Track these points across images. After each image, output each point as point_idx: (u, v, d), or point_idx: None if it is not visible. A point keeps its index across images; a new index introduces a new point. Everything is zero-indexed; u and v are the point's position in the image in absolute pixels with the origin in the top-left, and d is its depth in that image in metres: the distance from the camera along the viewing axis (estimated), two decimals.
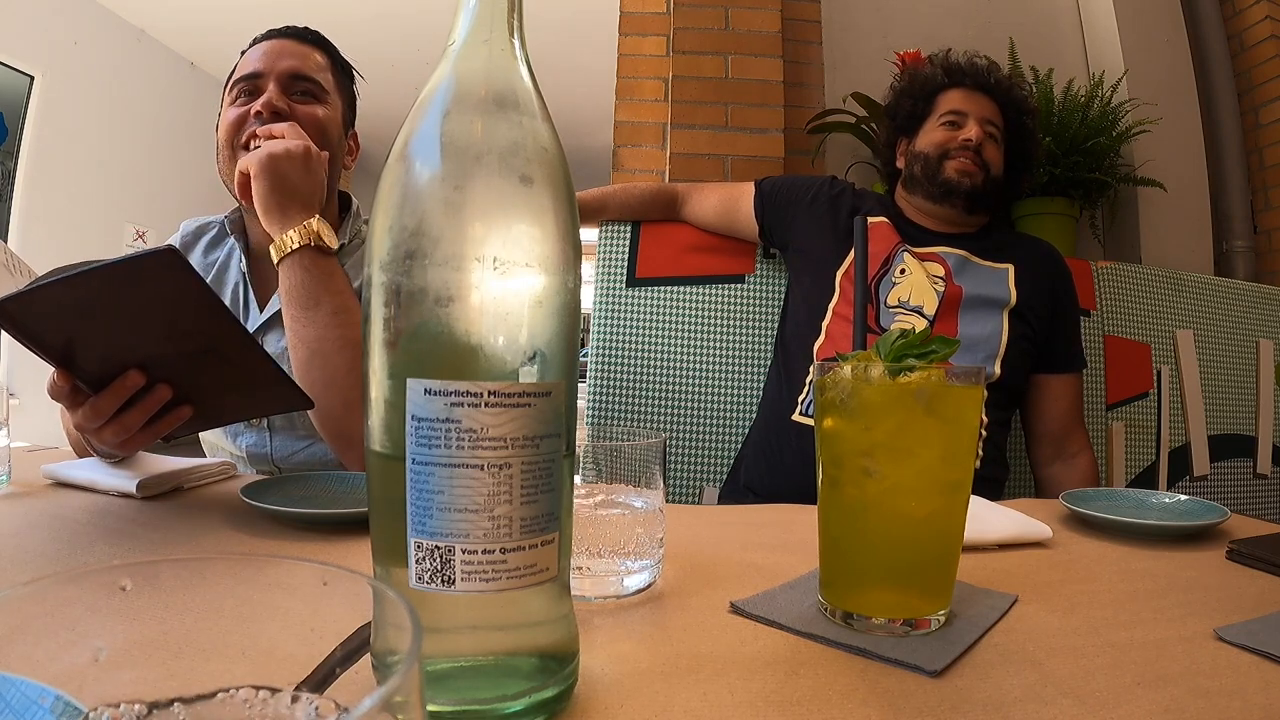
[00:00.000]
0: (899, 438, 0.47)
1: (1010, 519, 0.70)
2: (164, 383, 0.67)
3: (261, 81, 1.00)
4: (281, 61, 1.02)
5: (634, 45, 2.08)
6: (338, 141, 1.07)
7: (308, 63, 1.04)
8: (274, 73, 1.01)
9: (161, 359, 0.67)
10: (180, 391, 0.69)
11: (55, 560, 0.55)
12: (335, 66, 1.09)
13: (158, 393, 0.67)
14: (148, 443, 0.73)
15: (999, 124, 1.28)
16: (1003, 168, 1.29)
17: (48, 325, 0.62)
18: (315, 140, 0.99)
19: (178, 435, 0.75)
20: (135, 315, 0.63)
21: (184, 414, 0.71)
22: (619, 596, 0.51)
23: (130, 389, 0.66)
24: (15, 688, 0.21)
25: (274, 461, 1.06)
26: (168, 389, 0.68)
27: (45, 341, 0.63)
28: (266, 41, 1.04)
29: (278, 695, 0.23)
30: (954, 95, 1.30)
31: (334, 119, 1.06)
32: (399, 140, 0.34)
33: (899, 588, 0.47)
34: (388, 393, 0.33)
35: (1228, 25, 2.19)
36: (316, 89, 1.04)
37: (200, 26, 4.00)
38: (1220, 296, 1.65)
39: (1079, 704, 0.37)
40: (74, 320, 0.62)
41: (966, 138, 1.25)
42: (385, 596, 0.21)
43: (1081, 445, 1.28)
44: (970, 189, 1.24)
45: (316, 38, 1.08)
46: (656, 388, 1.42)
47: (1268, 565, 0.60)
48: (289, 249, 0.87)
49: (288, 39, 1.05)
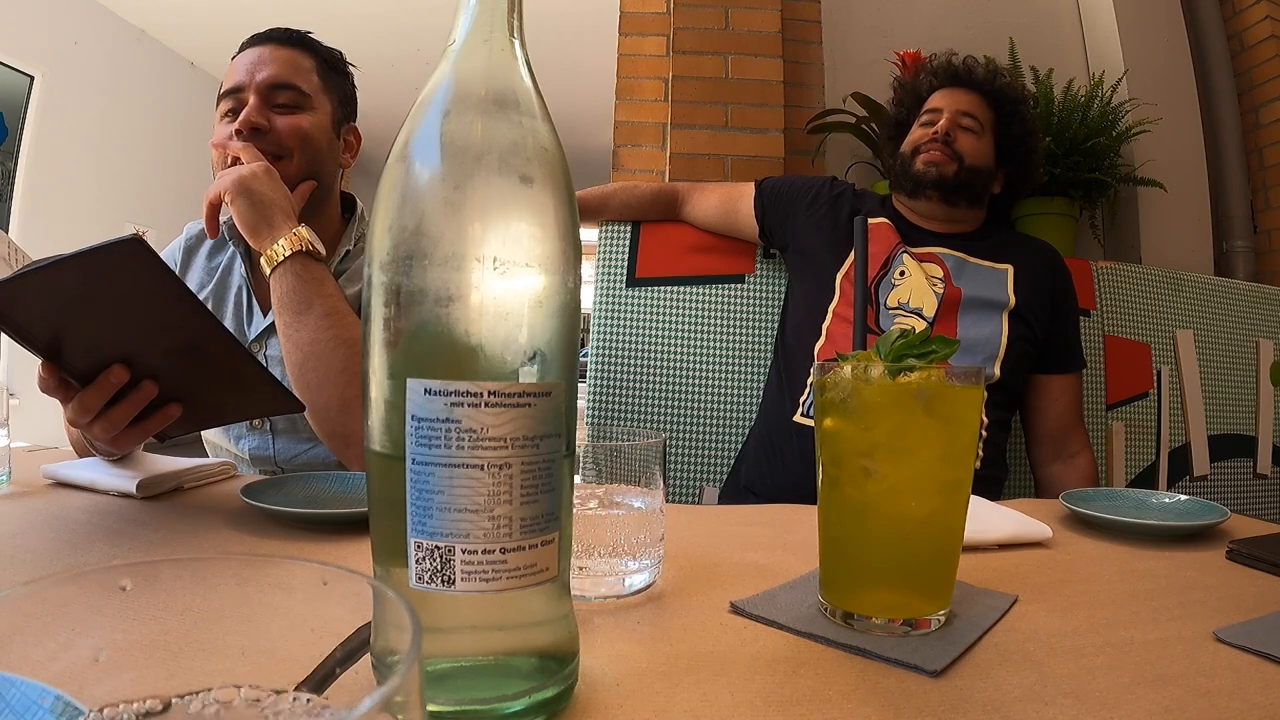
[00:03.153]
0: (899, 438, 0.47)
1: (1010, 519, 0.70)
2: (150, 380, 0.69)
3: (243, 95, 1.00)
4: (261, 72, 1.00)
5: (634, 45, 2.08)
6: (327, 145, 1.06)
7: (288, 68, 1.02)
8: (253, 85, 1.00)
9: (145, 356, 0.68)
10: (167, 389, 0.70)
11: (55, 560, 0.55)
12: (322, 66, 1.07)
13: (144, 389, 0.68)
14: (139, 440, 0.74)
15: (980, 115, 1.27)
16: (991, 158, 1.27)
17: (32, 317, 0.63)
18: (298, 149, 1.00)
19: (172, 435, 0.76)
20: (112, 308, 0.64)
21: (173, 412, 0.72)
22: (619, 596, 0.51)
23: (114, 384, 0.67)
24: (15, 688, 0.21)
25: (277, 463, 1.06)
26: (153, 386, 0.69)
27: (30, 334, 0.64)
28: (250, 49, 1.03)
29: (278, 695, 0.23)
30: (935, 95, 1.31)
31: (319, 124, 1.04)
32: (399, 140, 0.34)
33: (899, 588, 0.47)
34: (388, 393, 0.33)
35: (1228, 25, 2.19)
36: (298, 96, 1.02)
37: (200, 26, 4.00)
38: (1220, 296, 1.65)
39: (1079, 704, 0.37)
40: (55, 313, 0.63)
41: (935, 131, 1.25)
42: (385, 596, 0.21)
43: (1081, 445, 1.28)
44: (938, 178, 1.24)
45: (299, 38, 1.06)
46: (656, 388, 1.42)
47: (1268, 565, 0.60)
48: (281, 257, 0.87)
49: (269, 44, 1.03)
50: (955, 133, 1.26)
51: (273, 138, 0.99)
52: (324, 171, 1.05)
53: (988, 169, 1.27)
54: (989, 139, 1.28)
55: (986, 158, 1.27)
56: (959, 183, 1.24)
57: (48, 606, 0.21)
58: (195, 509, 0.71)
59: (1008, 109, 1.29)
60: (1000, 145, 1.29)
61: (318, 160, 1.04)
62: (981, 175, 1.26)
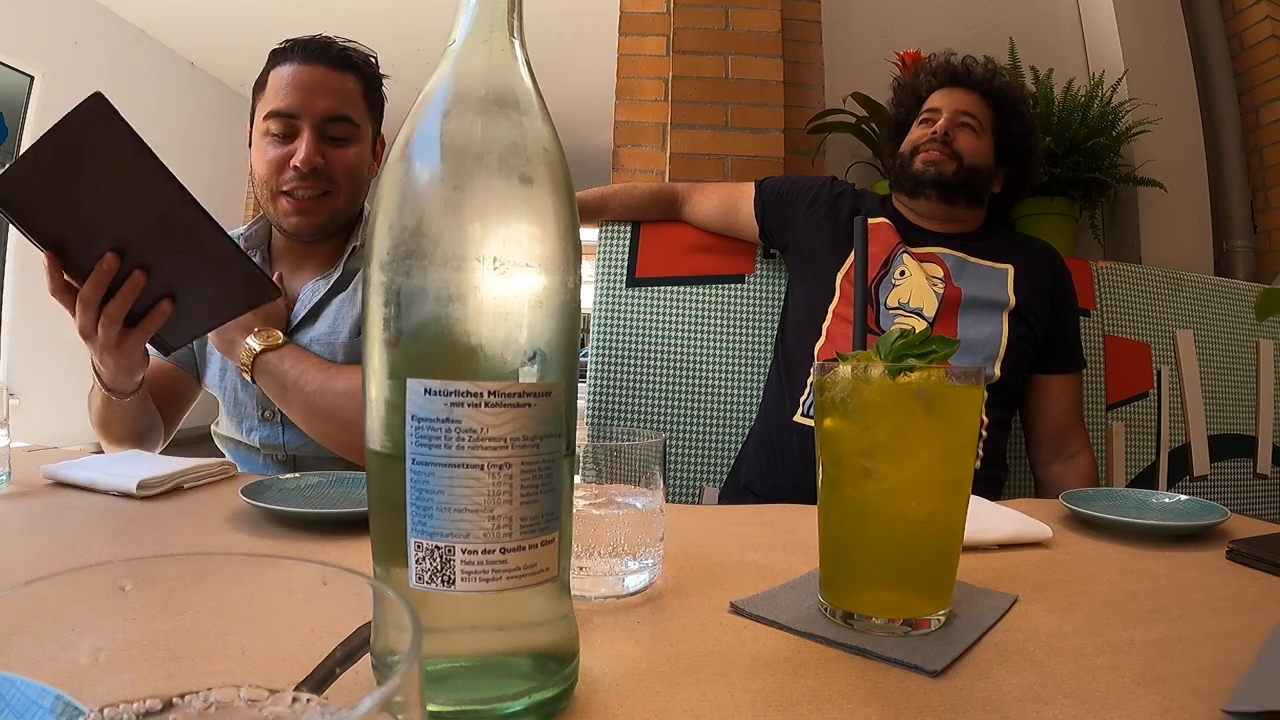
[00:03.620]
0: (899, 438, 0.47)
1: (1010, 519, 0.70)
2: (140, 269, 0.78)
3: (298, 124, 1.03)
4: (317, 101, 1.03)
5: (634, 45, 2.08)
6: (366, 168, 1.12)
7: (342, 99, 1.05)
8: (309, 116, 1.03)
9: (129, 236, 0.76)
10: (156, 284, 0.79)
11: (55, 560, 0.55)
12: (367, 89, 1.10)
13: (134, 278, 0.77)
14: (140, 343, 0.84)
15: (979, 115, 1.27)
16: (990, 157, 1.27)
17: (32, 206, 0.73)
18: (345, 184, 1.08)
19: (172, 345, 0.87)
20: (93, 184, 0.73)
21: (165, 309, 0.81)
22: (619, 596, 0.51)
23: (107, 272, 0.76)
24: (15, 688, 0.21)
25: (288, 451, 1.09)
26: (142, 275, 0.78)
27: (34, 224, 0.74)
28: (299, 67, 1.03)
29: (277, 695, 0.23)
30: (934, 95, 1.31)
31: (364, 154, 1.10)
32: (399, 140, 0.34)
33: (899, 588, 0.47)
34: (388, 393, 0.33)
35: (1228, 25, 2.19)
36: (349, 129, 1.06)
37: (200, 26, 4.00)
38: (1220, 296, 1.65)
39: (1079, 704, 0.37)
40: (49, 201, 0.73)
41: (934, 130, 1.26)
42: (385, 596, 0.21)
43: (1081, 445, 1.28)
44: (936, 177, 1.24)
45: (348, 61, 1.07)
46: (656, 388, 1.42)
47: (1268, 565, 0.60)
48: (246, 365, 0.99)
49: (321, 66, 1.04)
50: (954, 132, 1.26)
51: (326, 173, 1.05)
52: (360, 194, 1.12)
53: (987, 168, 1.27)
54: (988, 138, 1.28)
55: (986, 157, 1.27)
56: (958, 182, 1.24)
57: (48, 606, 0.20)
58: (195, 509, 0.71)
59: (1007, 108, 1.28)
60: (1000, 144, 1.28)
61: (359, 191, 1.11)
62: (981, 174, 1.26)
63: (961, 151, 1.25)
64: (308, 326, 1.08)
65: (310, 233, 1.08)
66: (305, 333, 1.08)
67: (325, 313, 1.09)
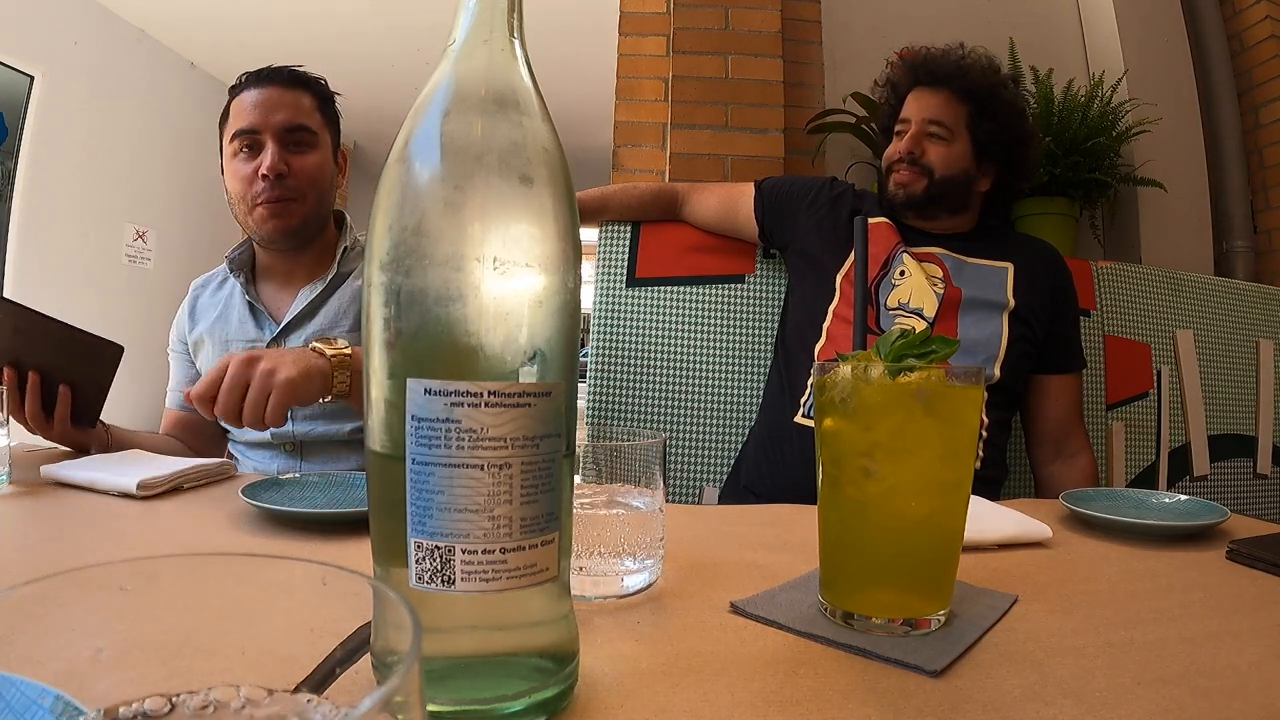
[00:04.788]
0: (899, 438, 0.47)
1: (1010, 519, 0.70)
2: (32, 371, 0.89)
3: (260, 138, 1.11)
4: (275, 115, 1.11)
5: (634, 45, 2.08)
6: (330, 176, 1.19)
7: (297, 110, 1.13)
8: (270, 129, 1.11)
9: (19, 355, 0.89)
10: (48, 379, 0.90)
11: (55, 560, 0.55)
12: (320, 102, 1.18)
13: (31, 379, 0.89)
14: (65, 423, 0.91)
15: (948, 119, 1.23)
16: (967, 160, 1.23)
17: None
18: (310, 191, 1.14)
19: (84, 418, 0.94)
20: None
21: (65, 394, 0.90)
22: (619, 596, 0.51)
23: (10, 382, 0.88)
24: (15, 688, 0.21)
25: (295, 438, 1.14)
26: (35, 375, 0.89)
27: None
28: (256, 90, 1.12)
29: (277, 695, 0.23)
30: (907, 101, 1.28)
31: (325, 161, 1.18)
32: (399, 140, 0.34)
33: (899, 588, 0.47)
34: (388, 393, 0.33)
35: (1228, 25, 2.19)
36: (309, 136, 1.15)
37: (200, 26, 3.99)
38: (1220, 296, 1.65)
39: (1079, 704, 0.37)
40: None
41: (900, 150, 1.24)
42: (385, 596, 0.21)
43: (1081, 445, 1.28)
44: (906, 199, 1.23)
45: (300, 78, 1.16)
46: (656, 388, 1.42)
47: (1268, 565, 0.60)
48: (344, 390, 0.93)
49: (274, 86, 1.13)
50: (924, 144, 1.23)
51: (291, 182, 1.12)
52: (326, 201, 1.19)
53: (964, 174, 1.24)
54: (963, 140, 1.24)
55: (961, 162, 1.23)
56: (929, 198, 1.23)
57: (48, 606, 0.21)
58: (195, 509, 0.71)
59: (981, 101, 1.23)
60: (978, 142, 1.24)
61: (325, 198, 1.18)
62: (955, 183, 1.23)
63: (932, 165, 1.22)
64: (304, 325, 1.15)
65: (286, 236, 1.14)
66: (302, 331, 1.14)
67: (323, 310, 1.15)
